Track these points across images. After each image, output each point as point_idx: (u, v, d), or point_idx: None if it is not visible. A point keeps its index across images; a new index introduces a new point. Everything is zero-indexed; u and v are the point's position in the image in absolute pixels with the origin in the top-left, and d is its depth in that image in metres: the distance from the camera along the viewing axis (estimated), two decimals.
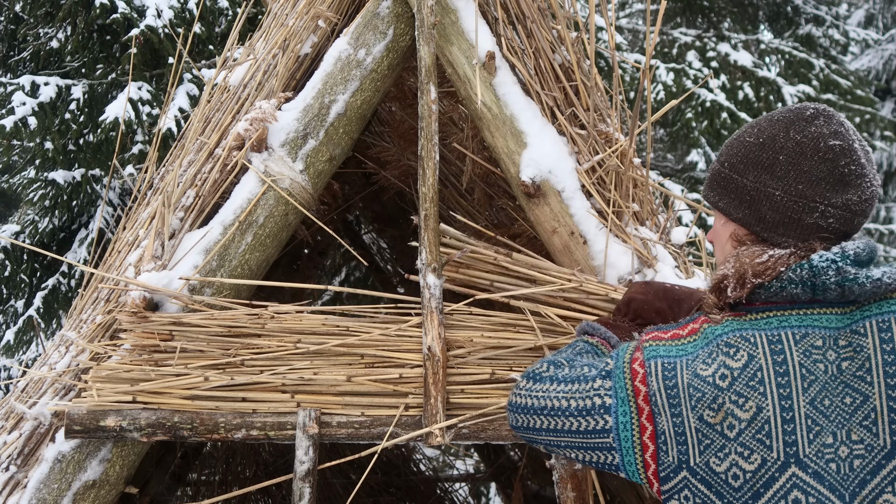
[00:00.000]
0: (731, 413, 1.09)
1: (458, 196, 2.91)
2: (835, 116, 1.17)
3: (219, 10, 4.61)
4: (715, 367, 1.11)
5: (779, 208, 1.16)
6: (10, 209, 10.09)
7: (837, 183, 1.13)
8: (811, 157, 1.14)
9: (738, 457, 1.08)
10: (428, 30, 1.83)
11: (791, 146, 1.15)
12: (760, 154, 1.18)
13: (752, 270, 1.14)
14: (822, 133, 1.15)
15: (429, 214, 1.74)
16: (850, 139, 1.15)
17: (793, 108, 1.20)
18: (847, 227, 1.15)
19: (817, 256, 1.11)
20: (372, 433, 1.69)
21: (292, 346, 1.72)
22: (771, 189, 1.16)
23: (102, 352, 1.80)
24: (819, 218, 1.14)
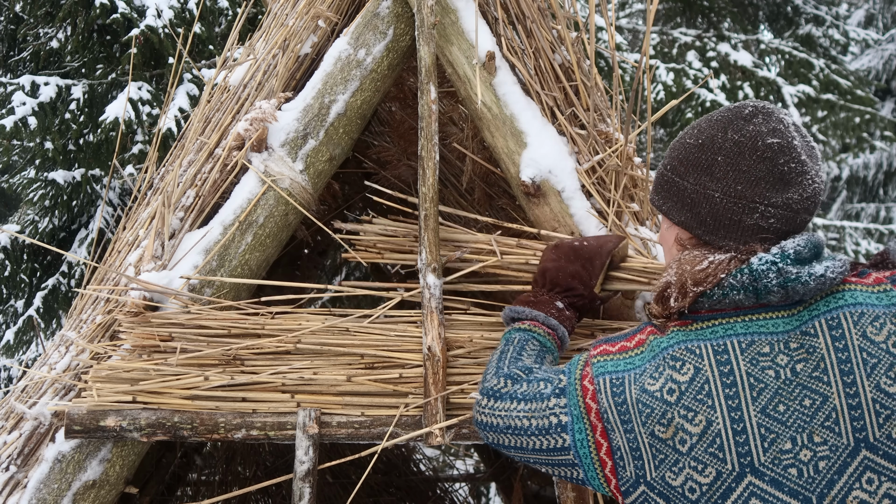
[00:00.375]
0: (681, 428, 1.08)
1: (458, 196, 2.91)
2: (774, 114, 1.15)
3: (219, 10, 4.61)
4: (662, 382, 1.10)
5: (718, 210, 1.14)
6: (10, 209, 10.09)
7: (777, 182, 1.11)
8: (749, 157, 1.12)
9: (692, 471, 1.07)
10: (428, 30, 1.83)
11: (729, 146, 1.13)
12: (699, 155, 1.16)
13: (693, 279, 1.12)
14: (759, 132, 1.13)
15: (429, 214, 1.74)
16: (789, 136, 1.13)
17: (732, 106, 1.18)
18: (789, 227, 1.13)
19: (756, 259, 1.09)
20: (372, 433, 1.69)
21: (292, 346, 1.72)
22: (710, 191, 1.14)
23: (102, 352, 1.80)
24: (759, 218, 1.12)
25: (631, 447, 1.13)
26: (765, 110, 1.16)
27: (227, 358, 1.72)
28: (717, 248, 1.16)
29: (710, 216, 1.15)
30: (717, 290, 1.11)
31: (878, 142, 8.68)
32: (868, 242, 8.07)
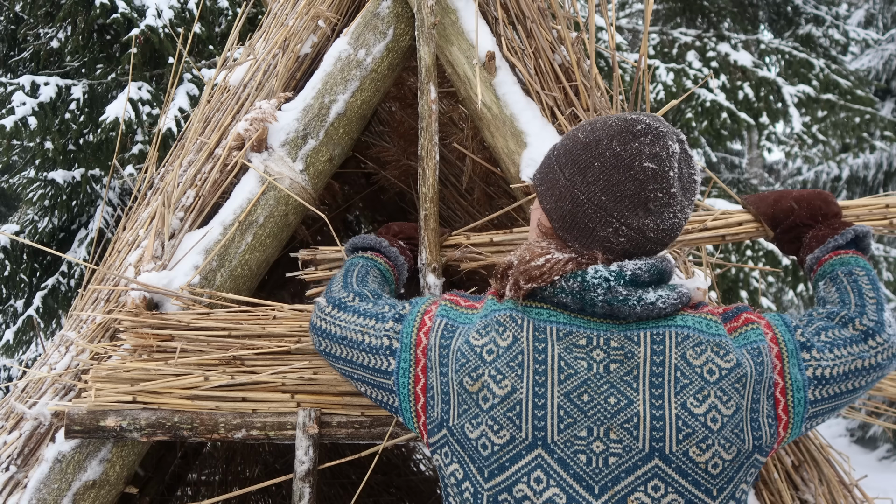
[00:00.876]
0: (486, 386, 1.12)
1: (458, 196, 2.91)
2: (664, 138, 1.15)
3: (219, 10, 4.61)
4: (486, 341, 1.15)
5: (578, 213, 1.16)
6: (10, 209, 10.09)
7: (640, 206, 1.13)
8: (623, 173, 1.13)
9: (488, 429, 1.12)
10: (428, 30, 1.83)
11: (609, 156, 1.14)
12: (581, 154, 1.17)
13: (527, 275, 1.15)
14: (641, 152, 1.13)
15: (429, 214, 1.74)
16: (667, 165, 1.13)
17: (630, 118, 1.17)
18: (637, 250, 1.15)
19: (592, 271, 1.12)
20: (372, 433, 1.69)
21: (292, 346, 1.72)
22: (577, 191, 1.16)
23: (102, 352, 1.80)
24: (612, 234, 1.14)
25: (442, 389, 1.18)
26: (656, 132, 1.15)
27: (226, 358, 1.72)
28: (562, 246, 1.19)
29: (569, 214, 1.17)
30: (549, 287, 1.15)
31: (878, 142, 8.68)
32: None
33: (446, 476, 1.19)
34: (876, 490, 2.13)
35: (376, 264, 1.57)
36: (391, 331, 1.27)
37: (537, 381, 1.11)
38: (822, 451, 1.75)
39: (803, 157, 12.56)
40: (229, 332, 1.74)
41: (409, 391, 1.23)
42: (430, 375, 1.20)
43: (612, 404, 1.10)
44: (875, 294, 1.33)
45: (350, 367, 1.34)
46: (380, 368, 1.27)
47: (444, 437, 1.18)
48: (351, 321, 1.33)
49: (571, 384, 1.11)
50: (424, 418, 1.22)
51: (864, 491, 1.76)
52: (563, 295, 1.13)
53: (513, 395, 1.11)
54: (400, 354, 1.24)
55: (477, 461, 1.13)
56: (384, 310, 1.32)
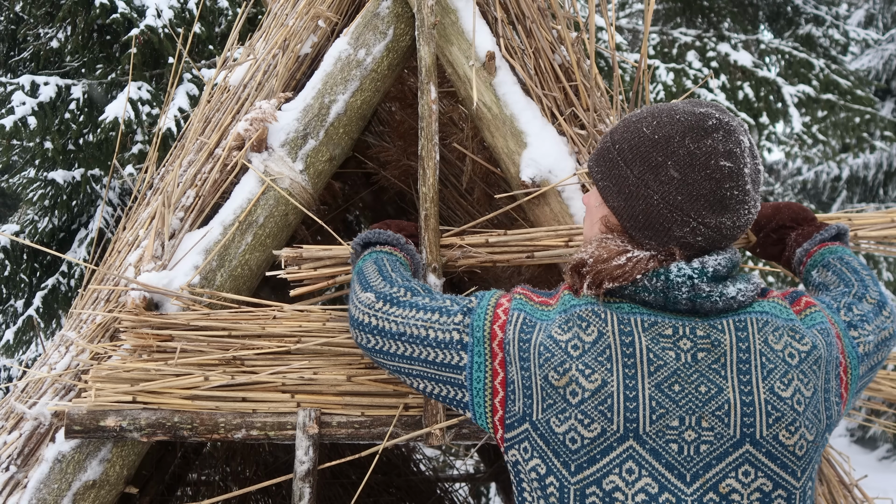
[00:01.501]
0: (575, 380, 1.11)
1: (458, 196, 2.91)
2: (734, 133, 1.14)
3: (219, 10, 4.61)
4: (570, 336, 1.13)
5: (652, 213, 1.14)
6: (10, 209, 10.09)
7: (717, 204, 1.12)
8: (698, 172, 1.11)
9: (577, 423, 1.11)
10: (428, 30, 1.83)
11: (682, 154, 1.12)
12: (651, 151, 1.14)
13: (609, 274, 1.14)
14: (716, 150, 1.12)
15: (429, 214, 1.74)
16: (741, 162, 1.13)
17: (697, 111, 1.15)
18: (712, 247, 1.16)
19: (675, 269, 1.12)
20: (372, 433, 1.69)
21: (292, 346, 1.72)
22: (651, 191, 1.14)
23: (102, 352, 1.80)
24: (689, 233, 1.13)
25: (524, 384, 1.16)
26: (727, 127, 1.14)
27: (226, 358, 1.72)
28: (637, 244, 1.18)
29: (642, 214, 1.15)
30: (630, 285, 1.14)
31: (878, 142, 8.68)
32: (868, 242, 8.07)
33: (526, 471, 1.16)
34: (876, 490, 2.13)
35: (399, 259, 1.53)
36: (460, 325, 1.23)
37: (627, 374, 1.10)
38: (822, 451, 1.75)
39: (803, 157, 12.56)
40: (229, 332, 1.74)
41: (486, 385, 1.20)
42: (509, 369, 1.17)
43: (702, 393, 1.10)
44: (867, 271, 1.43)
45: (408, 363, 1.29)
46: (448, 363, 1.24)
47: (524, 432, 1.16)
48: (410, 316, 1.28)
49: (662, 375, 1.10)
50: (503, 413, 1.19)
51: (864, 491, 1.76)
52: (645, 293, 1.13)
53: (603, 389, 1.10)
54: (473, 349, 1.21)
55: (562, 455, 1.12)
56: (447, 304, 1.28)
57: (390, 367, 1.34)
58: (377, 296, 1.35)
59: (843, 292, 1.37)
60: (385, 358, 1.33)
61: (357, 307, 1.37)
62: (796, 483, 1.11)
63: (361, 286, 1.41)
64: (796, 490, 1.11)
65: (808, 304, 1.24)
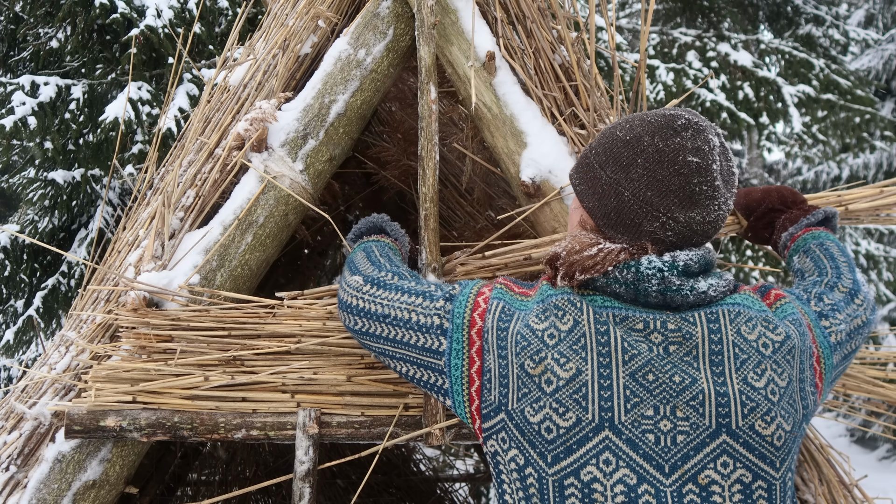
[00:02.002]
0: (550, 369, 1.12)
1: (458, 196, 2.91)
2: (704, 132, 1.17)
3: (219, 10, 4.61)
4: (546, 325, 1.14)
5: (623, 209, 1.17)
6: (10, 209, 10.09)
7: (686, 199, 1.14)
8: (667, 168, 1.14)
9: (552, 412, 1.11)
10: (428, 30, 1.83)
11: (651, 152, 1.16)
12: (622, 151, 1.19)
13: (581, 266, 1.16)
14: (684, 146, 1.15)
15: (429, 214, 1.74)
16: (710, 158, 1.15)
17: (668, 113, 1.20)
18: (683, 243, 1.17)
19: (646, 261, 1.14)
20: (372, 433, 1.69)
21: (292, 346, 1.72)
22: (622, 188, 1.17)
23: (102, 352, 1.80)
24: (659, 228, 1.16)
25: (501, 373, 1.16)
26: (696, 126, 1.17)
27: (226, 358, 1.72)
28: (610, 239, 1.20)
29: (614, 211, 1.19)
30: (601, 277, 1.16)
31: (878, 142, 8.68)
32: (868, 242, 8.08)
33: (505, 462, 1.17)
34: (876, 490, 2.13)
35: (389, 245, 1.56)
36: (441, 310, 1.25)
37: (602, 363, 1.11)
38: (822, 451, 1.75)
39: (803, 157, 12.57)
40: (229, 332, 1.74)
41: (463, 373, 1.21)
42: (486, 358, 1.18)
43: (676, 382, 1.10)
44: (846, 258, 1.43)
45: (392, 345, 1.30)
46: (429, 348, 1.25)
47: (501, 422, 1.16)
48: (395, 299, 1.31)
49: (636, 364, 1.11)
50: (479, 402, 1.20)
51: (864, 491, 1.76)
52: (616, 285, 1.15)
53: (578, 378, 1.11)
54: (452, 335, 1.22)
55: (539, 446, 1.12)
56: (431, 289, 1.30)
57: (376, 350, 1.36)
58: (364, 279, 1.38)
59: (814, 281, 1.38)
60: (371, 340, 1.35)
61: (345, 290, 1.41)
62: (776, 474, 1.11)
63: (350, 271, 1.45)
64: (776, 481, 1.11)
65: (778, 296, 1.26)
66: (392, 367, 1.35)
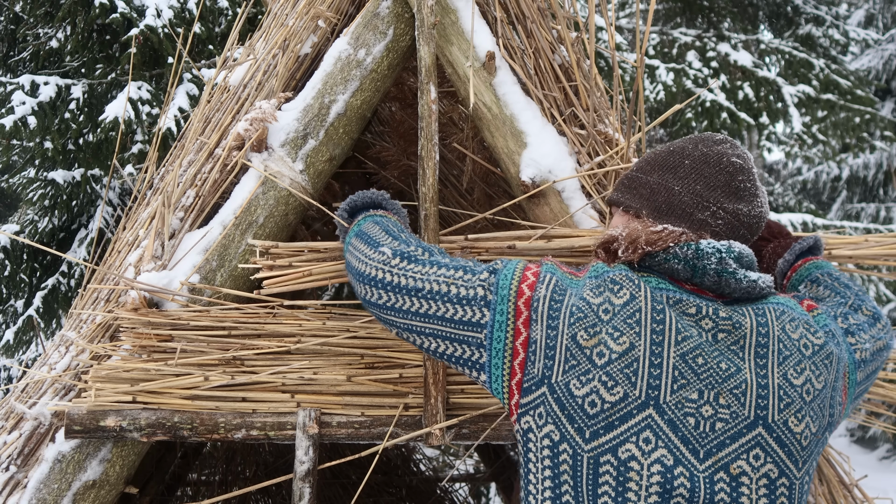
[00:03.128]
0: (603, 342, 1.12)
1: (458, 196, 2.91)
2: (739, 147, 1.29)
3: (219, 10, 4.61)
4: (601, 300, 1.15)
5: (675, 200, 1.23)
6: (10, 209, 10.09)
7: (732, 193, 1.23)
8: (713, 166, 1.24)
9: (600, 384, 1.10)
10: (428, 30, 1.83)
11: (697, 155, 1.26)
12: (668, 158, 1.28)
13: (646, 238, 1.20)
14: (726, 152, 1.26)
15: (429, 214, 1.74)
16: (749, 164, 1.26)
17: (704, 134, 1.31)
18: (732, 234, 1.23)
19: (706, 242, 1.19)
20: (372, 433, 1.69)
21: (292, 346, 1.72)
22: (671, 184, 1.25)
23: (102, 352, 1.80)
24: (710, 216, 1.22)
25: (548, 344, 1.14)
26: (732, 142, 1.29)
27: (226, 358, 1.73)
28: None
29: (665, 204, 1.24)
30: (661, 253, 1.19)
31: (878, 142, 8.68)
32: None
33: (538, 438, 1.14)
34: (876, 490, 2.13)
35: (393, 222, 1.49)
36: (486, 282, 1.21)
37: (654, 340, 1.11)
38: (822, 452, 1.75)
39: (803, 157, 12.56)
40: (229, 332, 1.74)
41: (506, 346, 1.18)
42: (533, 329, 1.16)
43: (723, 369, 1.12)
44: (858, 287, 1.49)
45: (423, 320, 1.24)
46: (469, 320, 1.20)
47: (541, 396, 1.14)
48: (431, 273, 1.25)
49: (687, 346, 1.12)
50: (521, 376, 1.16)
51: (864, 491, 1.76)
52: (675, 261, 1.17)
53: (631, 352, 1.10)
54: (496, 307, 1.18)
55: (578, 420, 1.11)
56: (470, 263, 1.26)
57: (400, 325, 1.29)
58: (394, 252, 1.32)
59: (838, 303, 1.42)
60: (395, 315, 1.28)
61: (369, 263, 1.33)
62: (797, 473, 1.13)
63: (370, 244, 1.37)
64: (796, 481, 1.13)
65: (811, 306, 1.29)
66: (418, 343, 1.29)
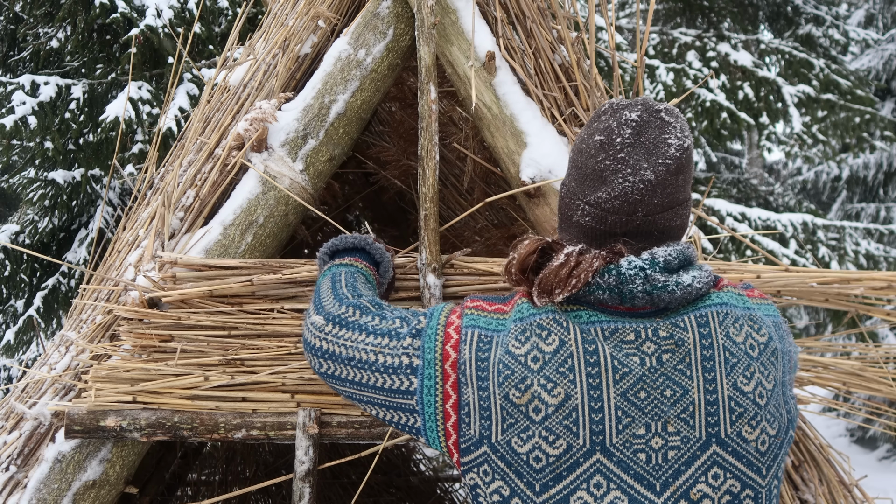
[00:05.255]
0: (537, 396, 1.07)
1: (458, 196, 2.91)
2: (620, 111, 1.14)
3: (219, 10, 4.61)
4: (528, 348, 1.10)
5: (561, 206, 1.21)
6: (10, 209, 10.09)
7: (595, 180, 1.13)
8: (583, 154, 1.16)
9: (542, 440, 1.07)
10: (428, 30, 1.83)
11: (576, 144, 1.19)
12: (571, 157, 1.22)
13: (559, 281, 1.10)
14: (596, 129, 1.15)
15: (429, 214, 1.74)
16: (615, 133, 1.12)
17: (603, 106, 1.20)
18: (602, 226, 1.13)
19: (625, 263, 1.09)
20: (372, 433, 1.69)
21: (292, 346, 1.72)
22: (563, 186, 1.22)
23: (102, 352, 1.80)
24: (580, 216, 1.14)
25: (481, 405, 1.11)
26: (616, 107, 1.15)
27: (226, 358, 1.72)
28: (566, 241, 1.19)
29: (559, 209, 1.22)
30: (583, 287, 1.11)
31: (878, 142, 8.68)
32: (868, 242, 8.07)
33: (487, 494, 1.12)
34: (876, 490, 2.13)
35: (360, 271, 1.46)
36: (409, 347, 1.18)
37: (591, 385, 1.07)
38: (822, 451, 1.75)
39: (803, 157, 12.56)
40: (229, 332, 1.74)
41: (437, 409, 1.15)
42: (463, 391, 1.12)
43: (667, 396, 1.07)
44: None
45: (360, 389, 1.23)
46: (398, 389, 1.18)
47: (483, 455, 1.12)
48: (359, 340, 1.22)
49: (627, 382, 1.07)
50: (456, 437, 1.14)
51: (864, 491, 1.76)
52: (599, 292, 1.10)
53: (567, 402, 1.06)
54: (423, 371, 1.16)
55: (526, 475, 1.08)
56: (396, 325, 1.22)
57: (345, 394, 1.28)
58: (326, 318, 1.28)
59: None
60: (339, 384, 1.27)
61: (309, 330, 1.31)
62: (762, 482, 1.09)
63: (314, 307, 1.35)
64: (762, 489, 1.09)
65: (761, 295, 1.22)
66: (366, 411, 1.28)
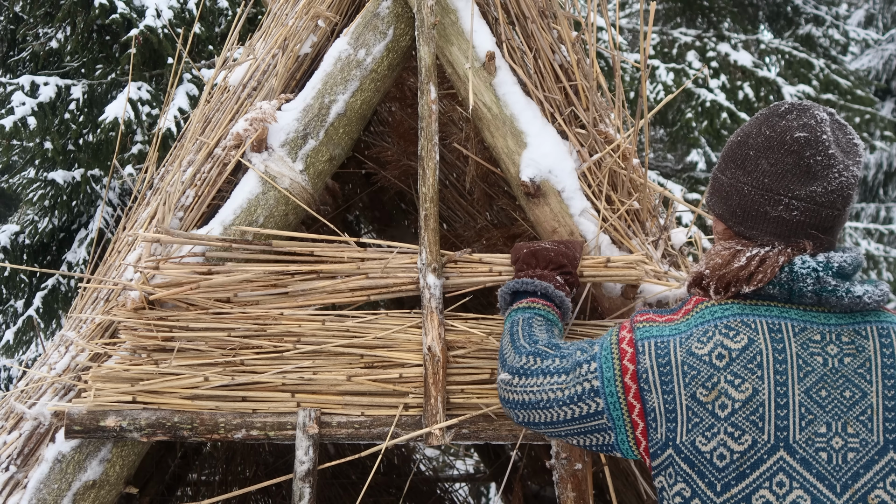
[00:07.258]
0: (724, 392, 1.11)
1: (458, 196, 2.91)
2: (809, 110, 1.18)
3: (219, 10, 4.61)
4: (711, 347, 1.13)
5: (746, 202, 1.19)
6: (10, 209, 10.09)
7: (803, 175, 1.15)
8: (777, 150, 1.17)
9: (727, 436, 1.10)
10: (428, 30, 1.83)
11: (760, 141, 1.19)
12: (737, 151, 1.23)
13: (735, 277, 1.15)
14: (790, 126, 1.17)
15: (429, 214, 1.74)
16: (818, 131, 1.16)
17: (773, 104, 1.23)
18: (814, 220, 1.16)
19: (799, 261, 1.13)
20: (372, 433, 1.69)
21: (292, 346, 1.72)
22: (741, 184, 1.20)
23: (102, 352, 1.80)
24: (783, 210, 1.16)
25: (667, 408, 1.15)
26: (800, 107, 1.19)
27: (226, 358, 1.72)
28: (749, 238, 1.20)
29: (739, 207, 1.21)
30: None
31: (878, 142, 8.67)
32: (868, 242, 8.07)
33: (670, 497, 1.16)
34: None
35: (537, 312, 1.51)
36: (587, 373, 1.23)
37: (778, 381, 1.10)
38: None
39: None
40: (229, 332, 1.74)
41: (625, 421, 1.20)
42: (647, 399, 1.16)
43: (847, 397, 1.10)
44: None
45: (555, 427, 1.29)
46: (588, 413, 1.24)
47: (668, 458, 1.15)
48: (543, 383, 1.29)
49: (811, 380, 1.10)
50: (646, 443, 1.19)
51: None
52: (769, 287, 1.14)
53: (755, 398, 1.09)
54: (604, 390, 1.21)
55: (708, 475, 1.11)
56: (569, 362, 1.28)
57: (547, 434, 1.35)
58: (510, 372, 1.36)
59: None
60: (535, 427, 1.34)
61: (500, 387, 1.40)
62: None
63: (501, 365, 1.43)
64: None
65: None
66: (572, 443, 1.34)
